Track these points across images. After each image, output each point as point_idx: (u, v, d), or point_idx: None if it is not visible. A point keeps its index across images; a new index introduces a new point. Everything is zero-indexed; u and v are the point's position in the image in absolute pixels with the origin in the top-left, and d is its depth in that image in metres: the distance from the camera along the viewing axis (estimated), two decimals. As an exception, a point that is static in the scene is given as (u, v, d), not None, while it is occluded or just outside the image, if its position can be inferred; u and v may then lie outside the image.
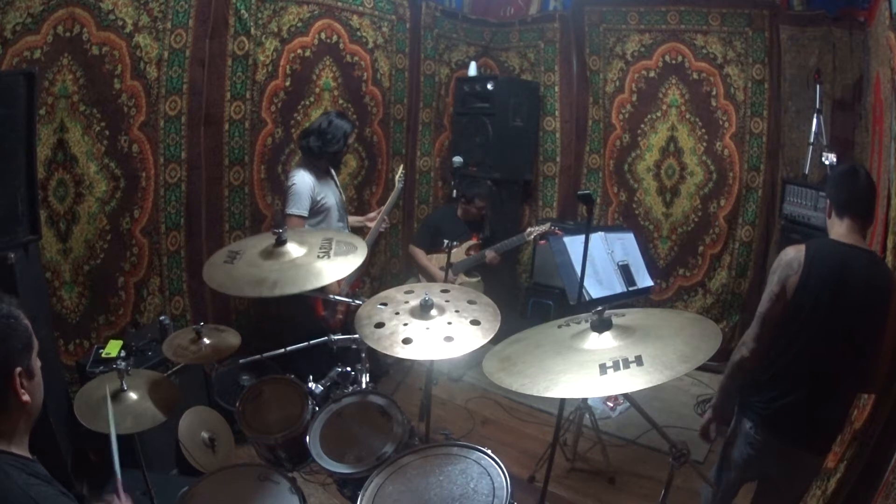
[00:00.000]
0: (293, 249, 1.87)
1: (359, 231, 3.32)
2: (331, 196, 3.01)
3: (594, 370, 1.29)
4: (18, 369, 1.00)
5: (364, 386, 2.05)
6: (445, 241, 2.90)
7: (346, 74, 3.77)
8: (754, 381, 1.83)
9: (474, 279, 3.85)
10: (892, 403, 1.61)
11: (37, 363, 1.07)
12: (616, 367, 1.28)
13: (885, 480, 1.46)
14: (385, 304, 1.74)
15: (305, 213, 2.87)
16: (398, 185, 3.37)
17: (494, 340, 1.59)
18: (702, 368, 3.77)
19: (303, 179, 2.88)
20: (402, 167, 3.65)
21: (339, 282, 2.92)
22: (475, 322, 1.62)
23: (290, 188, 2.89)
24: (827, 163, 3.14)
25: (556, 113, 4.56)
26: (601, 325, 1.43)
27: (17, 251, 2.01)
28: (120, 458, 1.33)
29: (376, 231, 3.25)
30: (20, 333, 1.02)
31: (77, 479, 2.29)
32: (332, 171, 3.14)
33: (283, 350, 2.19)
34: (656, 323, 1.50)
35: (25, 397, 1.01)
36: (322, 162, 3.00)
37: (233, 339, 1.99)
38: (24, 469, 0.99)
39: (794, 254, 1.76)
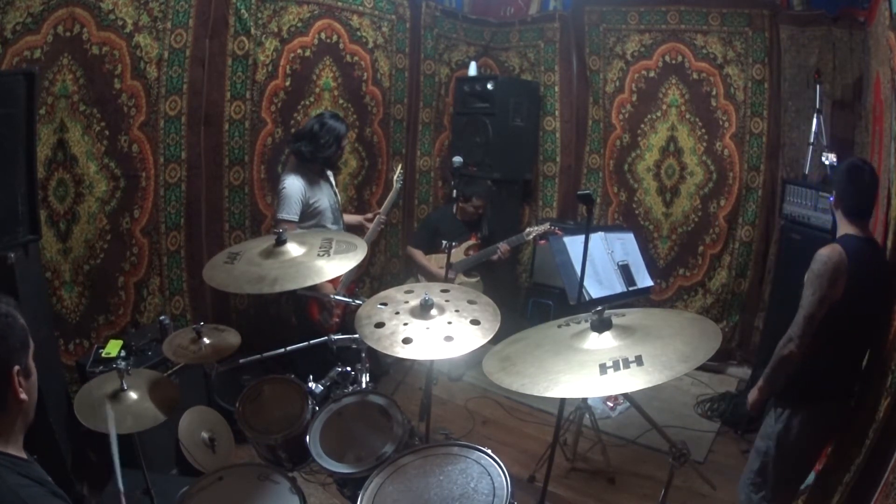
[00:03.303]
0: (293, 249, 1.89)
1: (356, 230, 3.31)
2: (324, 199, 2.98)
3: (594, 370, 1.29)
4: (17, 367, 1.01)
5: (364, 386, 2.05)
6: (444, 242, 2.88)
7: (346, 74, 3.77)
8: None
9: (473, 279, 3.84)
10: (891, 403, 1.62)
11: (32, 364, 1.08)
12: (616, 366, 1.28)
13: (885, 480, 1.46)
14: (385, 304, 1.74)
15: (295, 218, 2.85)
16: (396, 185, 3.36)
17: (494, 340, 1.59)
18: (702, 368, 3.78)
19: (292, 184, 2.85)
20: (400, 167, 3.65)
21: (335, 284, 2.92)
22: (475, 322, 1.62)
23: (279, 192, 2.87)
24: (827, 163, 3.13)
25: (556, 113, 4.55)
26: (601, 325, 1.43)
27: (17, 251, 2.02)
28: (120, 460, 1.33)
29: (374, 231, 3.23)
30: (18, 332, 1.03)
31: (77, 479, 2.29)
32: (329, 173, 3.11)
33: (283, 350, 2.19)
34: (656, 323, 1.50)
35: (23, 395, 1.02)
36: (315, 166, 2.96)
37: (233, 338, 2.00)
38: (17, 470, 1.00)
39: (837, 257, 1.84)
